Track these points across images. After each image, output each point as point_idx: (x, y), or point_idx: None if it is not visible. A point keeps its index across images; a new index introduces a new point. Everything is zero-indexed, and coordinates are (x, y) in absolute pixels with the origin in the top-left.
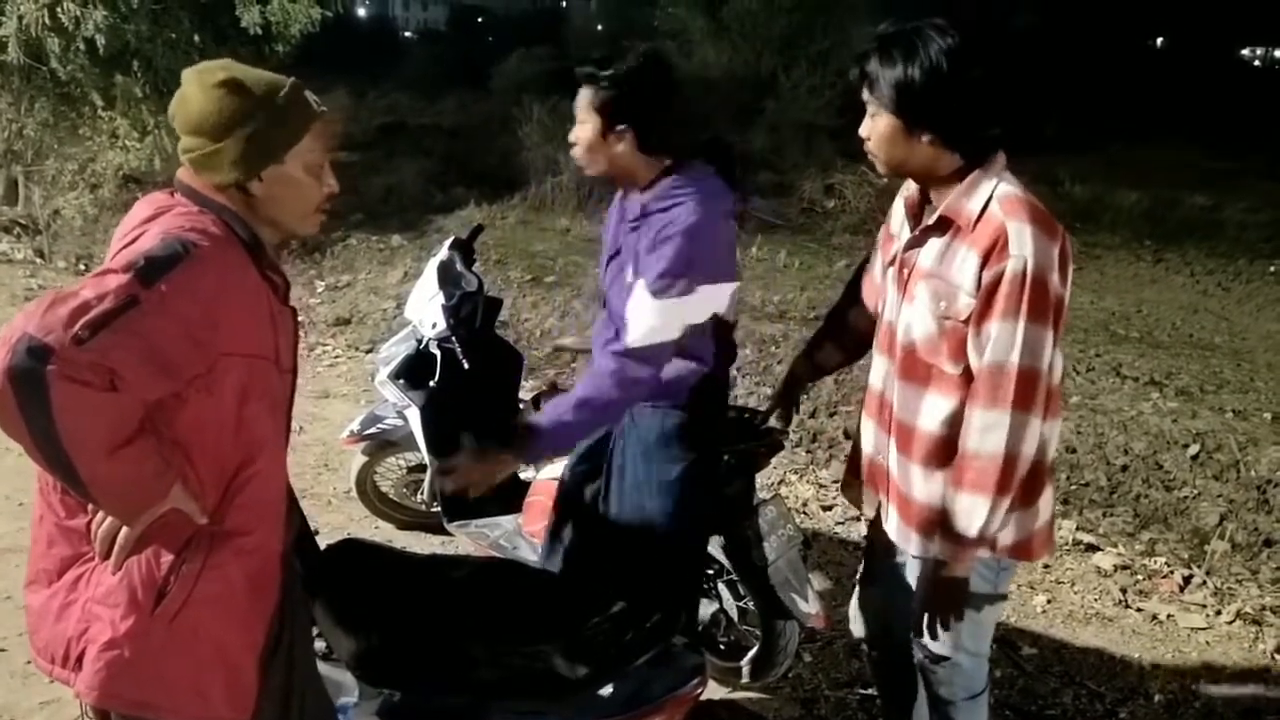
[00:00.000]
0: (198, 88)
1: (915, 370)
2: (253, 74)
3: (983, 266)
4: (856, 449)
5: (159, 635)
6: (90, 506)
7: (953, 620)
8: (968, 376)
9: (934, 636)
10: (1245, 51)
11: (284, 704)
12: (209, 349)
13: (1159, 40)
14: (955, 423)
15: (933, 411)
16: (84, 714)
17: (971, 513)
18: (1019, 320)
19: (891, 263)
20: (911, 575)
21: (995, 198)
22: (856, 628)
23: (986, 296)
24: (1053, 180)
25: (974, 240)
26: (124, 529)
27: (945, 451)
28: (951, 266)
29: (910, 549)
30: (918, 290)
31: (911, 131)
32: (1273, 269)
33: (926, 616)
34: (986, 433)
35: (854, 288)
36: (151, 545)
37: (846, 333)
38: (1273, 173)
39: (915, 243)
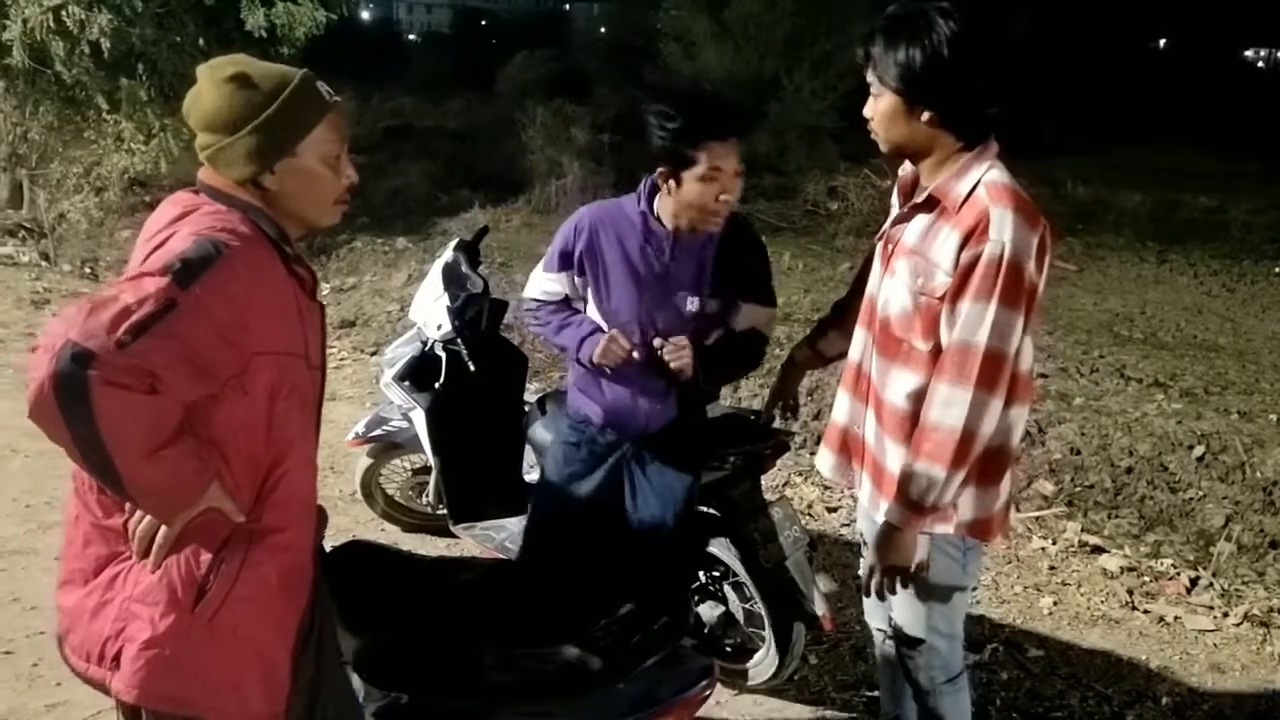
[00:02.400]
0: (209, 83)
1: (889, 344)
2: (263, 67)
3: (962, 247)
4: (830, 421)
5: (199, 633)
6: (128, 506)
7: (902, 586)
8: (936, 354)
9: (881, 598)
10: (1248, 53)
11: (313, 696)
12: (242, 349)
13: (1162, 42)
14: (921, 399)
15: (901, 386)
16: (118, 712)
17: (926, 482)
18: (991, 302)
19: (880, 238)
20: None
21: (983, 183)
22: (870, 618)
23: (962, 276)
24: (1055, 182)
25: (957, 221)
26: (162, 528)
27: (912, 426)
28: (933, 245)
29: (878, 515)
30: (898, 265)
31: (911, 110)
32: (1277, 270)
33: (874, 577)
34: (948, 407)
35: (861, 279)
36: (189, 544)
37: (852, 321)
38: (1277, 174)
39: (902, 219)
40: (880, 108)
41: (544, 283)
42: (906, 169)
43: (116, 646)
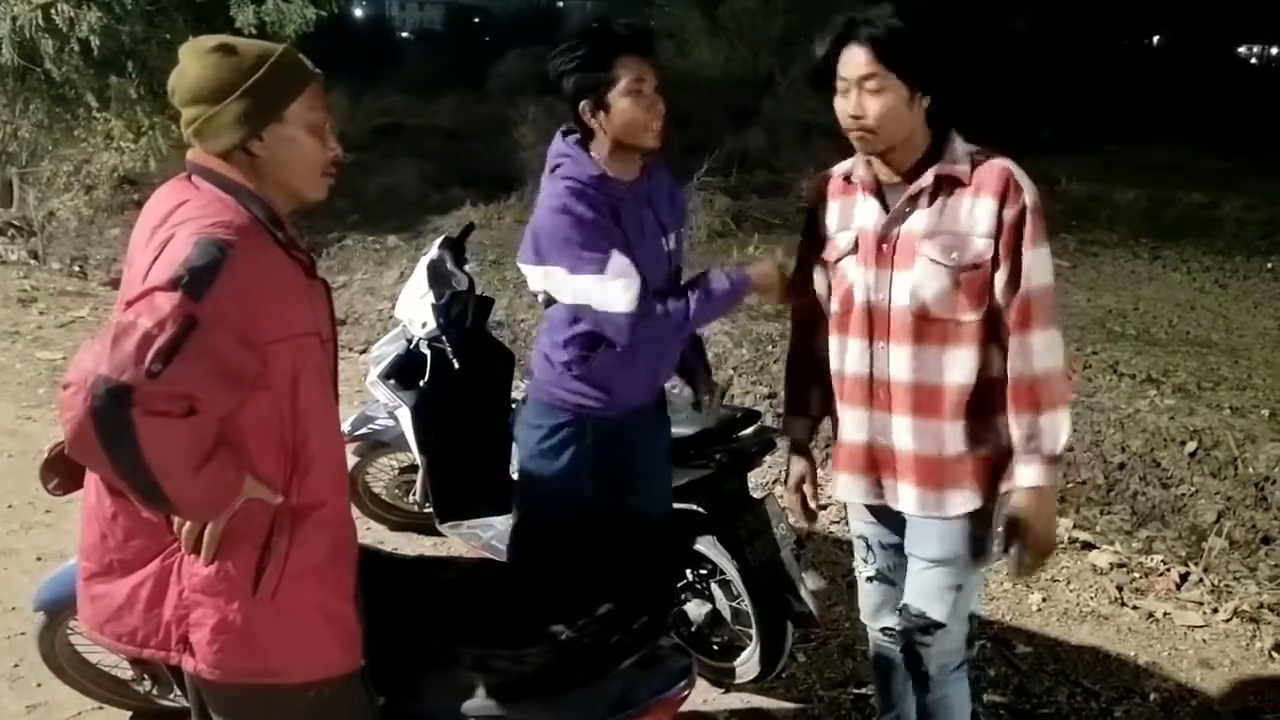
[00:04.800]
0: (193, 57)
1: (930, 331)
2: (245, 40)
3: (1001, 207)
4: (842, 444)
5: (265, 612)
6: None
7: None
8: (986, 322)
9: (1030, 572)
10: (1242, 49)
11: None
12: (258, 344)
13: (1155, 39)
14: (981, 370)
15: (959, 365)
16: (190, 689)
17: (1057, 429)
18: (1045, 246)
19: (854, 249)
20: (919, 560)
21: (974, 153)
22: (873, 620)
23: (1014, 231)
24: (1050, 179)
25: (979, 189)
26: (208, 526)
27: (976, 401)
28: (959, 217)
29: (946, 511)
30: (920, 251)
31: (913, 98)
32: (1270, 266)
33: (1028, 549)
34: (1049, 351)
35: (801, 332)
36: (237, 534)
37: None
38: (1270, 170)
39: (900, 215)
40: (887, 103)
41: (624, 276)
42: (861, 173)
43: (181, 631)
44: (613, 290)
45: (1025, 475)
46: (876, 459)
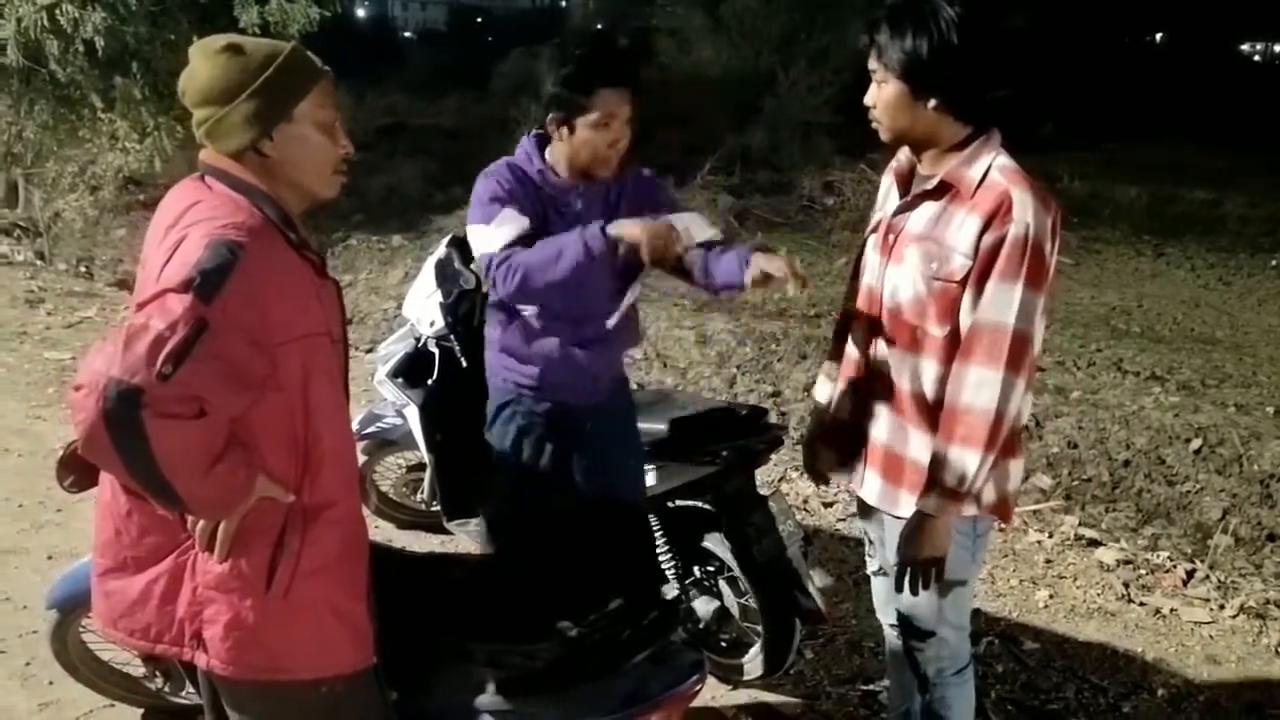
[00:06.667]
0: (202, 58)
1: (901, 333)
2: (253, 39)
3: (984, 230)
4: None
5: (278, 609)
6: None
7: (934, 580)
8: (952, 339)
9: (915, 592)
10: (1245, 46)
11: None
12: (268, 345)
13: (1157, 36)
14: (941, 384)
15: (920, 374)
16: (201, 682)
17: (961, 467)
18: (1018, 284)
19: (875, 229)
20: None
21: (995, 167)
22: (881, 615)
23: (987, 258)
24: (1053, 177)
25: (974, 205)
26: (222, 524)
27: (935, 413)
28: (948, 229)
29: (897, 510)
30: (907, 252)
31: (917, 98)
32: (1274, 263)
33: (909, 572)
34: (979, 389)
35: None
36: (250, 532)
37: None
38: (1273, 168)
39: (906, 207)
40: (884, 95)
41: (507, 225)
42: (901, 158)
43: (194, 627)
44: (492, 235)
45: (920, 499)
46: (852, 441)
